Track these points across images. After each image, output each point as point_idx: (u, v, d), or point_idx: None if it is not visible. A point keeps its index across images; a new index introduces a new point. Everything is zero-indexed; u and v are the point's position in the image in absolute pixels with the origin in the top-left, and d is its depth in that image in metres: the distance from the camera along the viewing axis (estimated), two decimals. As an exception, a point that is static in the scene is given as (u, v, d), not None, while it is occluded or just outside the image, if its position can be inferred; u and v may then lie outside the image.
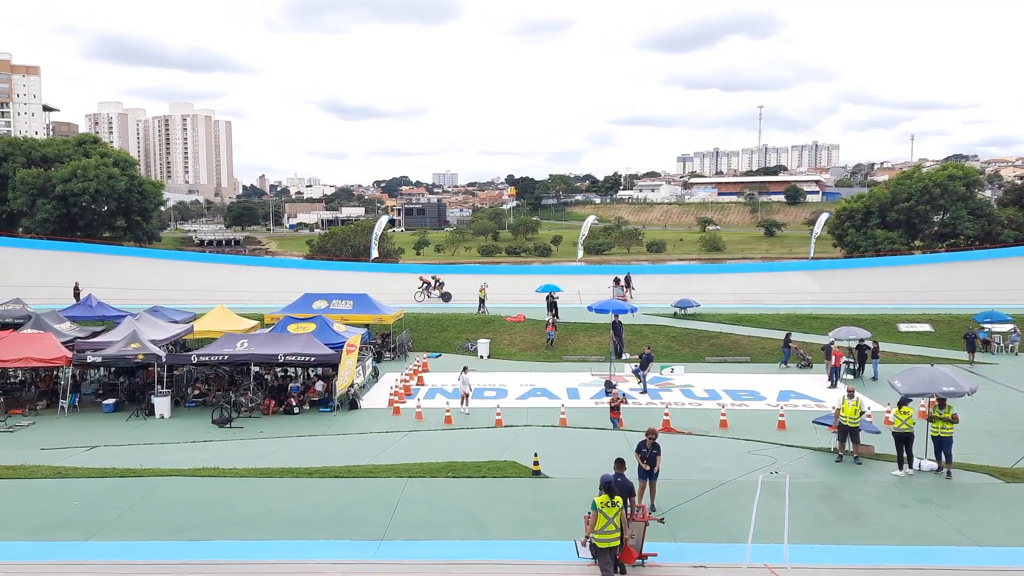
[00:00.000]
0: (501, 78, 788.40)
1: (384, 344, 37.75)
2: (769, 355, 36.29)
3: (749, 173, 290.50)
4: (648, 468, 14.93)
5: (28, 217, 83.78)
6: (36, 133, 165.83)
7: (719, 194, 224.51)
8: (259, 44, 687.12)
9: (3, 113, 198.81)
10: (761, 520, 13.79)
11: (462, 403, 27.03)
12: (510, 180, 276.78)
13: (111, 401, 28.55)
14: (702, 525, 14.33)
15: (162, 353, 28.70)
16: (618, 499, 11.43)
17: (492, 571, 12.54)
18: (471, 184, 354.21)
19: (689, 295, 43.45)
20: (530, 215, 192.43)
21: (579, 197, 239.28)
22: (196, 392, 29.63)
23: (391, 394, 29.34)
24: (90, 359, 28.59)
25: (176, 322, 35.39)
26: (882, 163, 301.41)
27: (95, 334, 33.08)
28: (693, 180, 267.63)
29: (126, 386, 29.93)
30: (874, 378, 31.76)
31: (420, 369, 33.76)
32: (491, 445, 20.28)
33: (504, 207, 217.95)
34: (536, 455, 17.33)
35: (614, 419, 23.29)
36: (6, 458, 20.03)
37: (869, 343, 32.98)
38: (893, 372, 22.83)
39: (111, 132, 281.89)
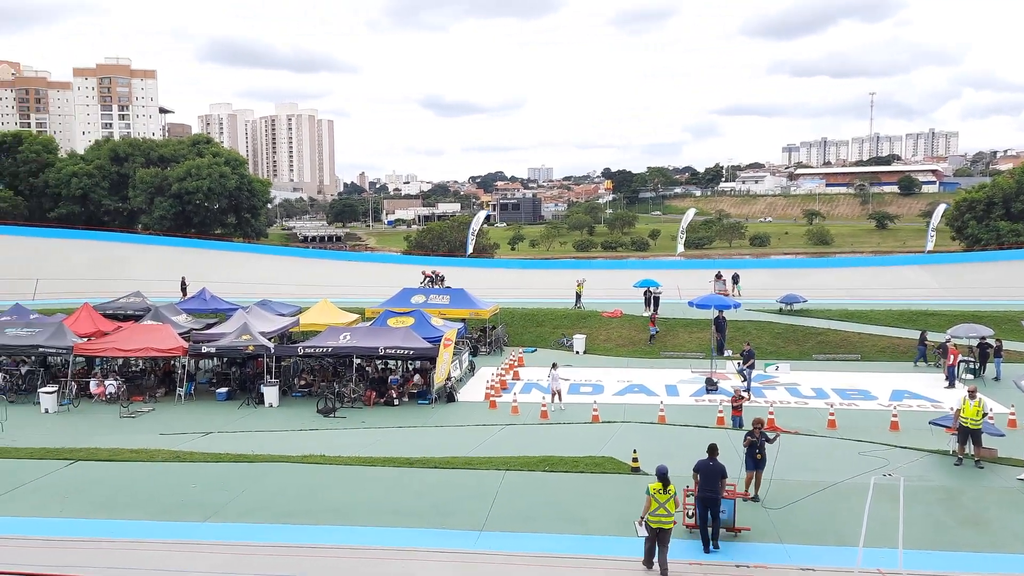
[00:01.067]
0: (598, 70, 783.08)
1: (480, 338, 38.09)
2: (881, 353, 34.76)
3: (859, 163, 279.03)
4: (758, 458, 15.03)
5: (147, 214, 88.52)
6: (153, 134, 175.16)
7: (827, 185, 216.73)
8: (361, 44, 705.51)
9: (123, 115, 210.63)
10: (873, 524, 13.16)
11: (552, 399, 26.92)
12: (606, 174, 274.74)
13: (224, 390, 29.81)
14: (810, 527, 13.84)
15: (271, 345, 29.79)
16: (671, 488, 12.06)
17: (590, 565, 12.45)
18: (566, 178, 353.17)
19: (795, 290, 42.07)
20: (627, 209, 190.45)
21: (678, 190, 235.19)
22: (302, 382, 30.62)
23: (487, 388, 29.57)
24: (204, 350, 30.01)
25: (283, 315, 36.67)
26: (1005, 151, 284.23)
27: (209, 326, 34.66)
28: (799, 171, 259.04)
29: (237, 376, 31.20)
30: (996, 378, 29.97)
31: (515, 364, 33.89)
32: (588, 441, 20.16)
33: (600, 201, 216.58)
34: (635, 451, 17.12)
35: (736, 417, 22.44)
36: (129, 442, 21.21)
37: (991, 341, 31.13)
38: (1018, 372, 21.46)
39: (221, 132, 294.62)
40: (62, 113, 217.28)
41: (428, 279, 49.34)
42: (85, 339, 31.07)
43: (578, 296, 42.90)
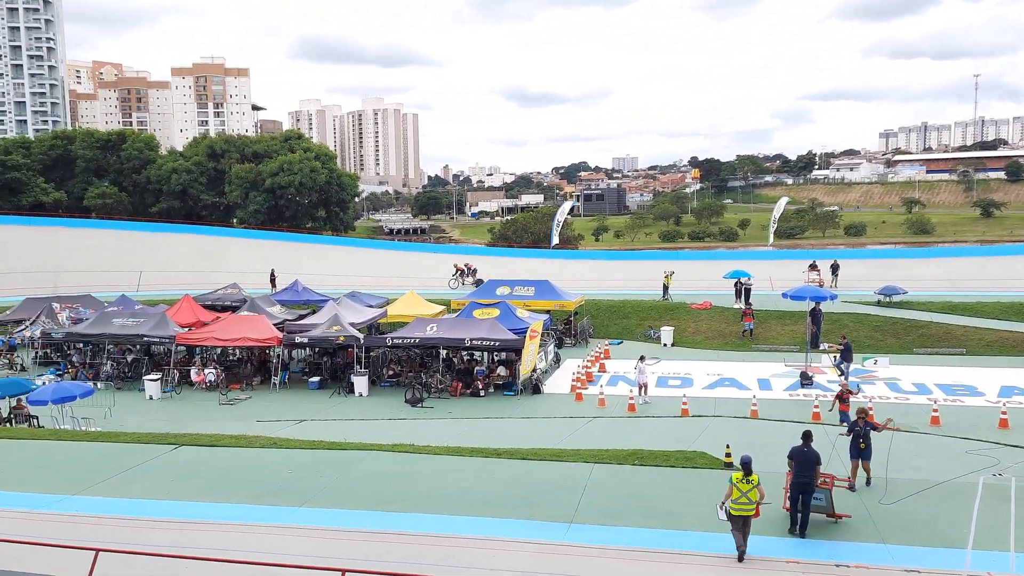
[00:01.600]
0: (685, 57, 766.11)
1: (565, 330, 37.95)
2: (988, 347, 33.04)
3: (963, 148, 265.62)
4: (861, 447, 15.01)
5: (242, 209, 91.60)
6: (246, 131, 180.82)
7: (927, 172, 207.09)
8: (447, 37, 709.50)
9: (218, 113, 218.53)
10: (983, 525, 12.50)
11: (639, 392, 26.57)
12: (693, 162, 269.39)
13: (316, 379, 30.62)
14: (914, 527, 13.25)
15: (360, 335, 30.42)
16: (754, 478, 12.31)
17: (682, 561, 12.24)
18: (652, 168, 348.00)
19: (894, 281, 40.34)
20: (715, 198, 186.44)
21: (769, 178, 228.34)
22: (390, 372, 31.16)
23: (573, 380, 29.44)
24: (297, 340, 30.90)
25: (371, 306, 37.41)
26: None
27: (301, 317, 35.67)
28: (897, 157, 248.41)
29: (329, 365, 31.99)
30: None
31: (601, 356, 33.64)
32: (678, 435, 19.86)
33: (687, 190, 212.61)
34: (728, 447, 16.73)
35: (844, 412, 21.51)
36: (228, 428, 22.01)
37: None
38: None
39: (310, 128, 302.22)
40: (161, 112, 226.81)
41: (460, 272, 50.00)
42: (186, 329, 32.41)
43: (665, 287, 42.25)
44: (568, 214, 70.77)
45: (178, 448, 18.23)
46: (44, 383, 27.24)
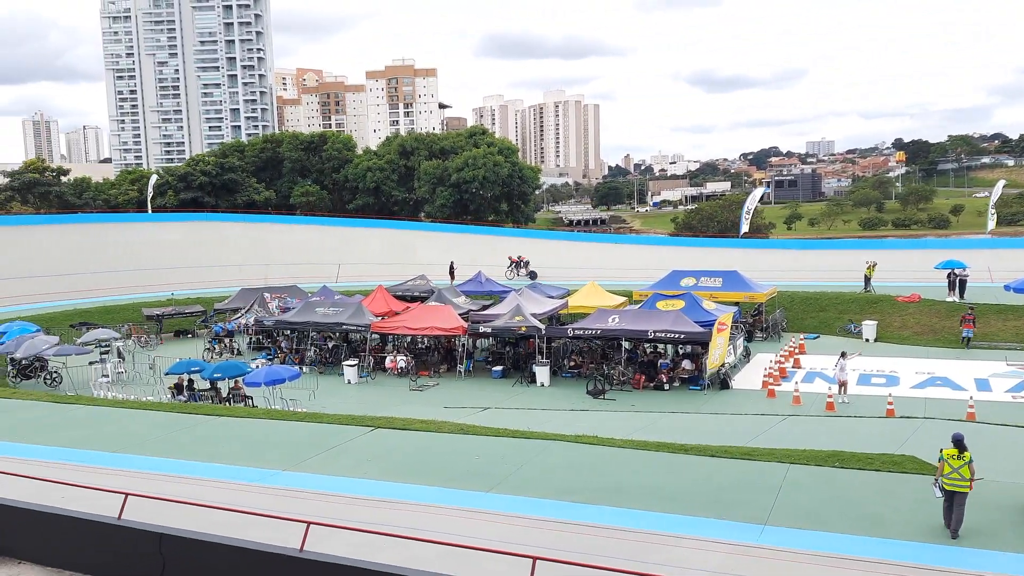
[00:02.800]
0: (887, 33, 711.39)
1: (756, 323, 36.36)
2: None
3: None
4: None
5: (429, 203, 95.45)
6: (434, 128, 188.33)
7: None
8: (630, 26, 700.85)
9: (408, 112, 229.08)
10: None
11: (838, 391, 24.88)
12: (898, 144, 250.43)
13: (499, 368, 31.23)
14: None
15: (542, 326, 30.67)
16: (967, 455, 12.27)
17: (886, 571, 11.25)
18: (850, 151, 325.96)
19: None
20: (923, 183, 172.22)
21: (986, 160, 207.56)
22: (572, 363, 31.19)
23: (765, 375, 28.15)
24: (481, 329, 31.64)
25: (552, 297, 37.63)
26: None
27: (485, 307, 36.53)
28: None
29: (511, 355, 32.52)
30: None
31: (796, 351, 31.92)
32: (882, 436, 18.43)
33: (890, 175, 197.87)
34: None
35: None
36: (417, 413, 22.86)
37: None
38: None
39: (493, 123, 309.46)
40: (357, 113, 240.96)
41: (514, 264, 50.14)
42: (380, 318, 34.10)
43: (867, 279, 39.43)
44: (759, 201, 67.82)
45: (374, 430, 19.12)
46: (257, 366, 29.59)
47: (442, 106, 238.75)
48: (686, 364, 28.98)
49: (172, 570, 9.93)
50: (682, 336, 28.16)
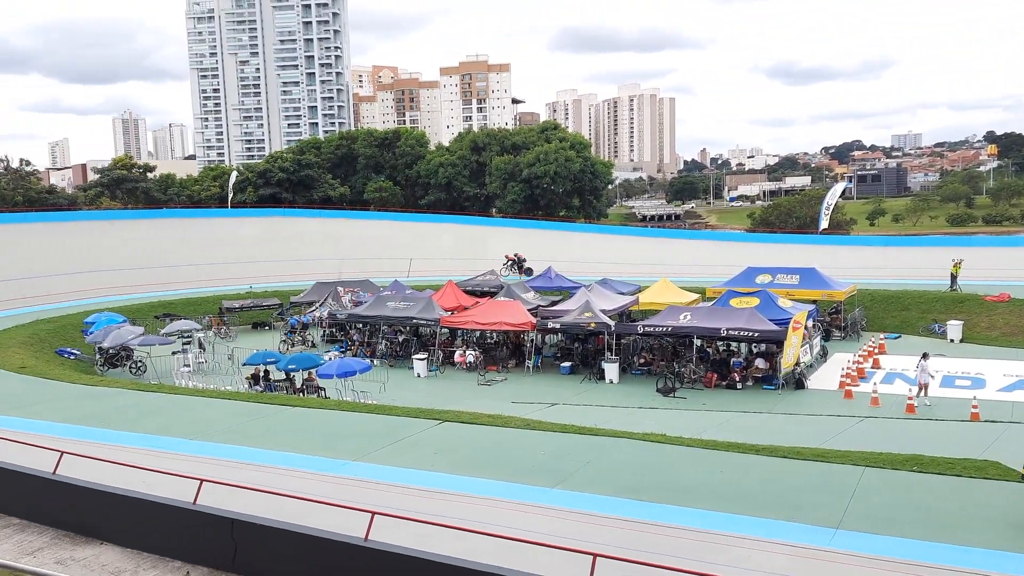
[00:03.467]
0: (982, 20, 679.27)
1: (833, 322, 35.33)
2: None
3: None
4: None
5: (500, 199, 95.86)
6: (506, 124, 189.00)
7: None
8: (708, 17, 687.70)
9: (480, 108, 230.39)
10: None
11: (919, 393, 23.95)
12: (989, 137, 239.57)
13: (567, 364, 31.14)
14: None
15: (611, 322, 30.44)
16: None
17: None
18: (938, 144, 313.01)
19: None
20: (1016, 177, 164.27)
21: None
22: (641, 361, 30.89)
23: (842, 376, 27.33)
24: (550, 325, 31.58)
25: (623, 293, 37.33)
26: None
27: (554, 303, 36.45)
28: None
29: (580, 351, 32.39)
30: None
31: (876, 351, 30.88)
32: (966, 441, 17.69)
33: (981, 169, 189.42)
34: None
35: None
36: (485, 407, 22.96)
37: None
38: None
39: (566, 118, 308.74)
40: (430, 110, 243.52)
41: (511, 262, 49.71)
42: (449, 313, 34.40)
43: (953, 277, 37.87)
44: (839, 196, 65.88)
45: (441, 424, 19.30)
46: (330, 359, 30.24)
47: (515, 101, 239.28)
48: (760, 363, 28.37)
49: (243, 555, 10.22)
50: (756, 334, 27.57)
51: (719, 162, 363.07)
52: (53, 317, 38.86)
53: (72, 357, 33.29)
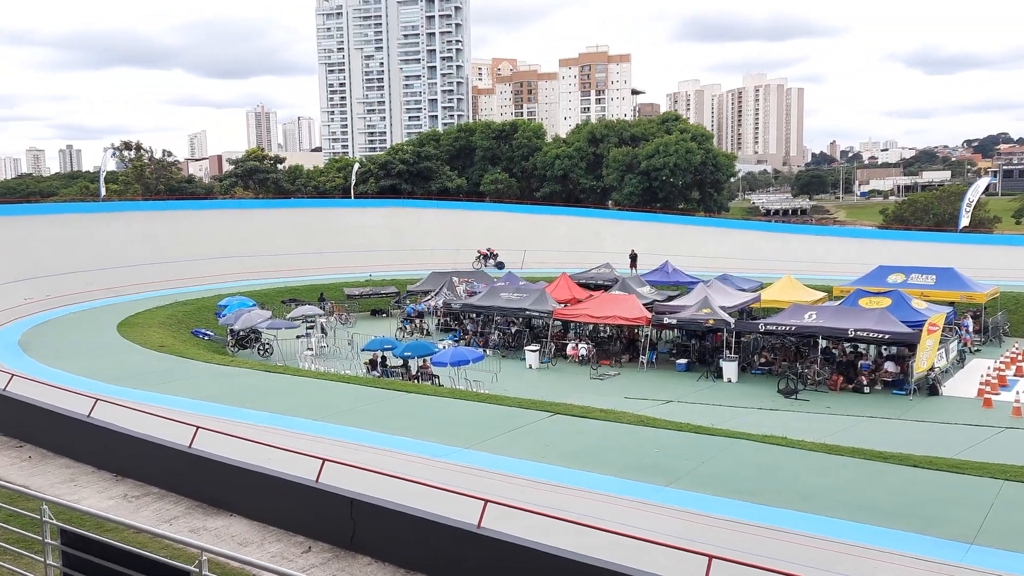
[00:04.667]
0: None
1: (973, 326, 33.17)
2: None
3: None
4: None
5: (617, 191, 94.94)
6: (625, 115, 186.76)
7: None
8: (843, 4, 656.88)
9: (599, 99, 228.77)
10: None
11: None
12: None
13: (683, 361, 30.53)
14: None
15: (731, 320, 29.63)
16: None
17: None
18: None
19: None
20: None
21: None
22: (762, 360, 29.93)
23: (981, 383, 25.64)
24: (666, 321, 31.03)
25: (744, 290, 36.29)
26: None
27: (670, 298, 35.81)
28: None
29: (697, 348, 31.69)
30: None
31: (1019, 357, 28.80)
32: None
33: None
34: None
35: None
36: (597, 402, 22.81)
37: None
38: None
39: (688, 109, 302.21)
40: (548, 101, 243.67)
41: (482, 256, 49.62)
42: (562, 305, 34.36)
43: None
44: (983, 193, 61.80)
45: (553, 416, 19.30)
46: (444, 347, 30.79)
47: (635, 92, 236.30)
48: (890, 366, 26.96)
49: (361, 534, 10.51)
50: (886, 336, 26.21)
51: (849, 155, 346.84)
52: (190, 300, 41.28)
53: (206, 338, 35.25)
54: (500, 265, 51.73)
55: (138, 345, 29.98)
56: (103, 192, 64.47)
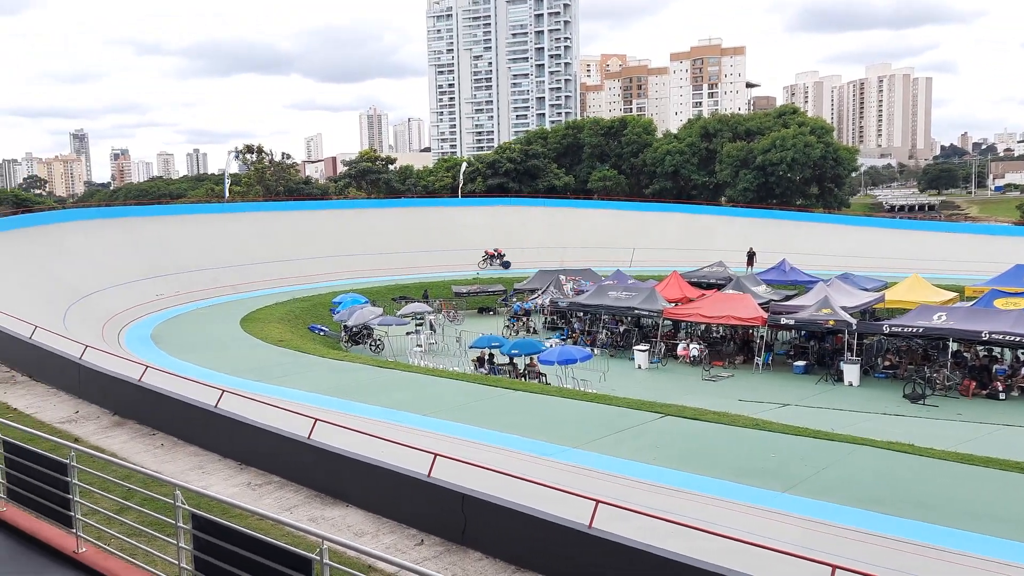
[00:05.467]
0: None
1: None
2: None
3: None
4: None
5: (731, 187, 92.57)
6: (739, 109, 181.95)
7: None
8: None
9: (712, 93, 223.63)
10: None
11: None
12: None
13: (801, 363, 29.43)
14: None
15: (852, 320, 28.38)
16: None
17: None
18: None
19: None
20: None
21: None
22: (886, 363, 28.54)
23: None
24: (783, 321, 30.00)
25: (866, 290, 34.81)
26: None
27: (788, 298, 34.65)
28: None
29: (816, 350, 30.50)
30: None
31: None
32: None
33: None
34: None
35: None
36: (709, 403, 22.23)
37: None
38: None
39: (806, 101, 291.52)
40: (659, 97, 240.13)
41: (489, 256, 49.16)
42: (673, 304, 33.73)
43: None
44: None
45: (663, 417, 18.94)
46: (551, 345, 30.76)
47: (749, 85, 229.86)
48: (1028, 372, 25.19)
49: (472, 529, 10.58)
50: (1024, 339, 24.49)
51: (983, 147, 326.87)
52: (306, 296, 42.87)
53: (321, 333, 36.50)
54: (507, 265, 51.92)
55: (259, 340, 31.34)
56: (227, 194, 67.75)
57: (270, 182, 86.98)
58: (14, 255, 36.64)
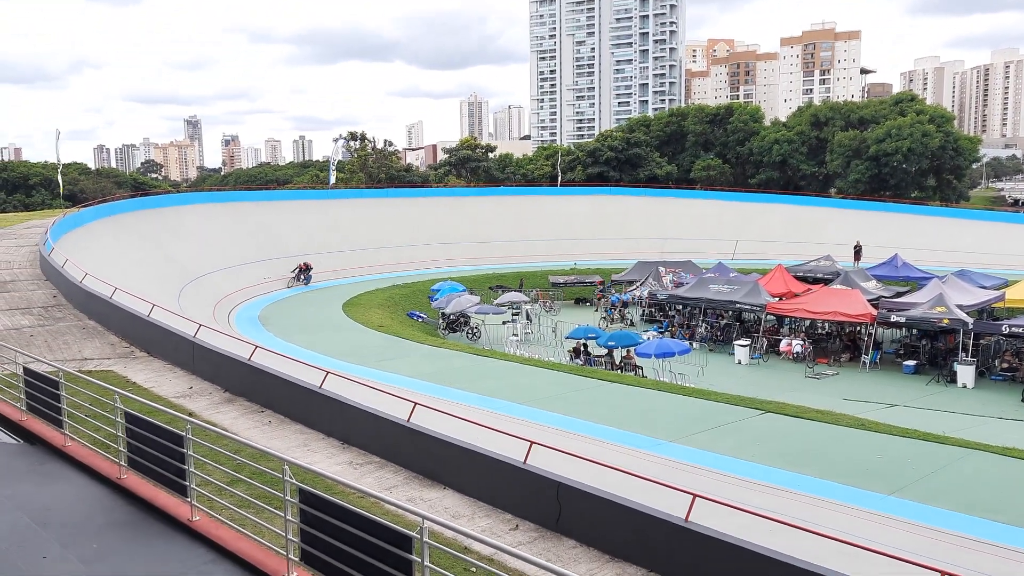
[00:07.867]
0: None
1: None
2: None
3: None
4: None
5: (841, 178, 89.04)
6: (852, 96, 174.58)
7: None
8: None
9: (823, 80, 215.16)
10: None
11: None
12: None
13: (911, 363, 28.25)
14: None
15: (969, 320, 27.03)
16: None
17: None
18: None
19: None
20: None
21: None
22: (1004, 365, 27.06)
23: None
24: (893, 318, 28.81)
25: (985, 288, 33.10)
26: None
27: (899, 294, 33.27)
28: None
29: (927, 349, 29.18)
30: None
31: None
32: None
33: None
34: None
35: None
36: (812, 401, 21.62)
37: None
38: None
39: (925, 88, 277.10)
40: (767, 83, 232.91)
41: (300, 270, 43.72)
42: (777, 299, 32.83)
43: None
44: None
45: (764, 414, 18.54)
46: (648, 338, 30.46)
47: (864, 71, 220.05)
48: None
49: (567, 517, 10.68)
50: None
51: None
52: (406, 283, 43.82)
53: (420, 320, 37.28)
54: (308, 280, 43.94)
55: (360, 324, 32.28)
56: (332, 180, 69.74)
57: (372, 169, 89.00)
58: (133, 236, 38.82)
